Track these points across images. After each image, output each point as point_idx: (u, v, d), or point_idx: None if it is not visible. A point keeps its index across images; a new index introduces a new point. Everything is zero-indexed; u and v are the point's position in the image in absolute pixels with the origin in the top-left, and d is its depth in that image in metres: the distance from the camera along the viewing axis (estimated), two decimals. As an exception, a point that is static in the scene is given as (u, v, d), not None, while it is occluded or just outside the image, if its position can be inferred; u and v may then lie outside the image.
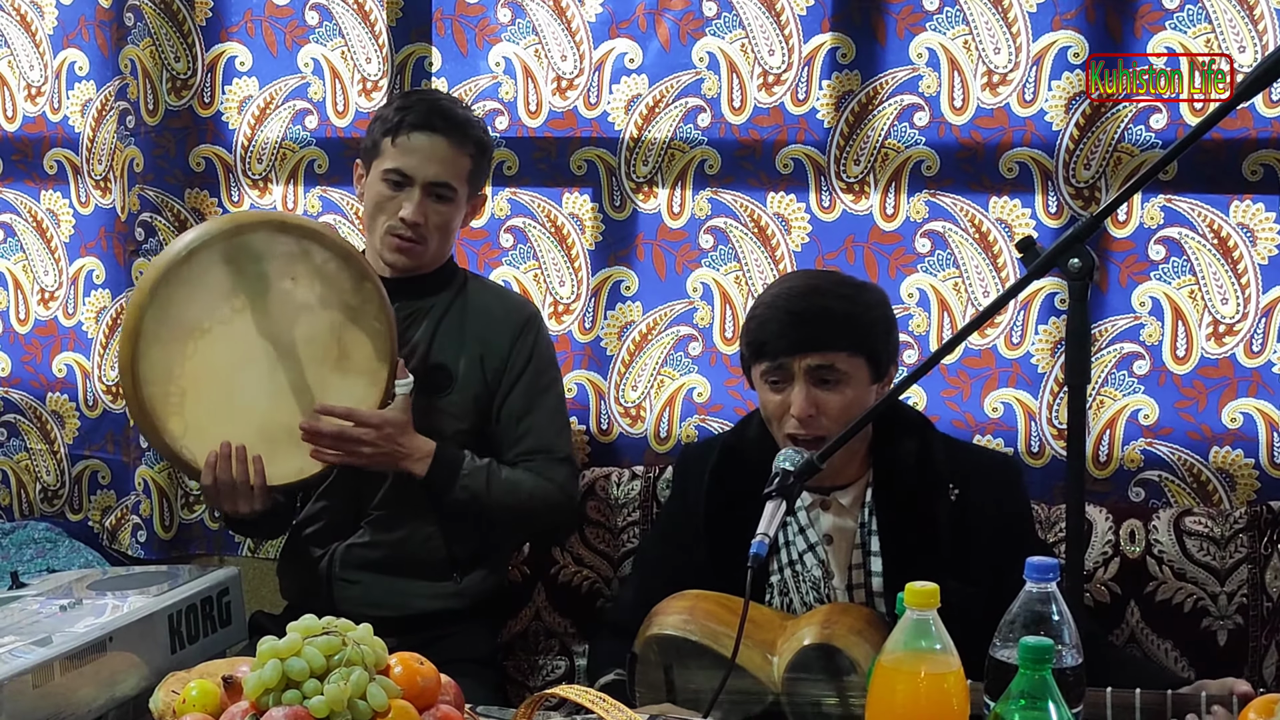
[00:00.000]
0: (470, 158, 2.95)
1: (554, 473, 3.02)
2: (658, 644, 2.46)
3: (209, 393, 2.72)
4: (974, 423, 3.22)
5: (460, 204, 2.97)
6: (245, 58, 3.64)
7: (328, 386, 2.80)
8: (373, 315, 2.80)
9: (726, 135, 3.32)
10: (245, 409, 2.76)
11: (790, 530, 2.63)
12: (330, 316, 2.79)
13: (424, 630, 2.90)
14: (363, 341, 2.81)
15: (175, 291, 2.65)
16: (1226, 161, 3.03)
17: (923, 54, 3.18)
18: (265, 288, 2.73)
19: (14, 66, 3.87)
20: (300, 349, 2.78)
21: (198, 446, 2.73)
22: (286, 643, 1.72)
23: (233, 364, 2.73)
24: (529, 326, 3.05)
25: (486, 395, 3.01)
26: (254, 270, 2.71)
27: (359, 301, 2.79)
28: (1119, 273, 3.12)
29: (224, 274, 2.69)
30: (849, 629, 2.34)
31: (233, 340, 2.72)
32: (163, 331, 2.65)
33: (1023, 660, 1.55)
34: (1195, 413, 3.10)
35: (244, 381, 2.75)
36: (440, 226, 2.95)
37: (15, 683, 1.99)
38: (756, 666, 2.36)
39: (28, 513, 3.95)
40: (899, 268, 3.25)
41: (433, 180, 2.91)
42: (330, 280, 2.77)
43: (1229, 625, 2.90)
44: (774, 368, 2.54)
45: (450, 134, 2.92)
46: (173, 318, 2.66)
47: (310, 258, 2.76)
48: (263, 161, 3.65)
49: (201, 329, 2.69)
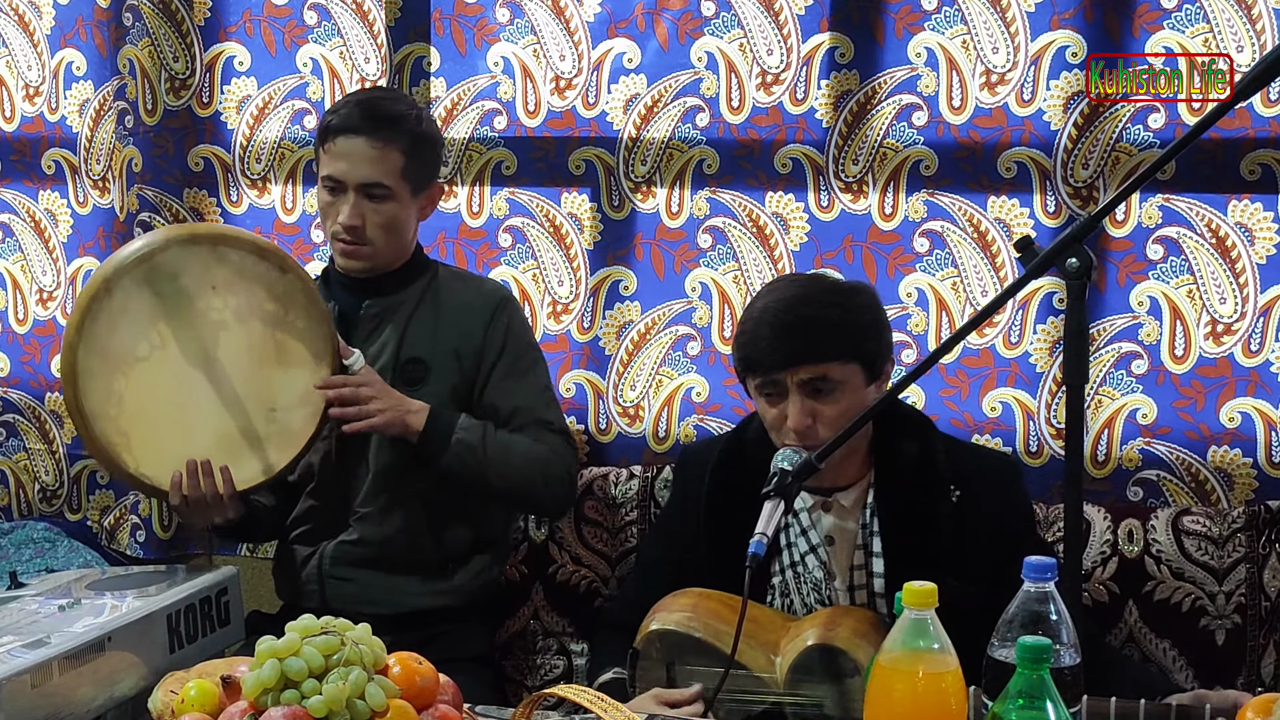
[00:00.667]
0: (403, 153, 2.91)
1: (549, 440, 3.01)
2: (660, 639, 2.46)
3: (156, 415, 2.73)
4: (972, 422, 3.22)
5: (404, 199, 2.95)
6: (244, 57, 3.64)
7: (273, 384, 2.80)
8: (302, 304, 2.79)
9: (725, 135, 3.32)
10: (197, 422, 2.76)
11: (792, 532, 2.62)
12: (260, 315, 2.78)
13: (419, 628, 2.89)
14: (297, 332, 2.80)
15: (101, 326, 2.66)
16: (1224, 161, 3.03)
17: (921, 54, 3.18)
18: (189, 302, 2.72)
19: (12, 66, 3.87)
20: (238, 358, 2.78)
21: (155, 469, 2.74)
22: (285, 642, 1.72)
23: (174, 387, 2.74)
24: (501, 310, 3.04)
25: (464, 385, 3.01)
26: (172, 288, 2.71)
27: (285, 293, 2.78)
28: (1117, 272, 3.12)
29: (146, 297, 2.70)
30: (852, 631, 2.34)
31: (168, 360, 2.73)
32: (97, 365, 2.67)
33: (1021, 660, 1.55)
34: (1193, 412, 3.11)
35: (190, 397, 2.76)
36: (385, 225, 2.93)
37: (14, 683, 1.99)
38: (760, 667, 2.36)
39: (26, 512, 3.95)
40: (897, 267, 3.25)
41: (363, 182, 2.90)
42: (253, 277, 2.76)
43: (1227, 625, 2.90)
44: (766, 382, 2.53)
45: (376, 133, 2.90)
46: (104, 350, 2.67)
47: (227, 261, 2.75)
48: (261, 161, 3.65)
49: (135, 356, 2.71)
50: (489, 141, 3.47)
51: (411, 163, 2.94)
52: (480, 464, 2.90)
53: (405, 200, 2.95)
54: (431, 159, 3.03)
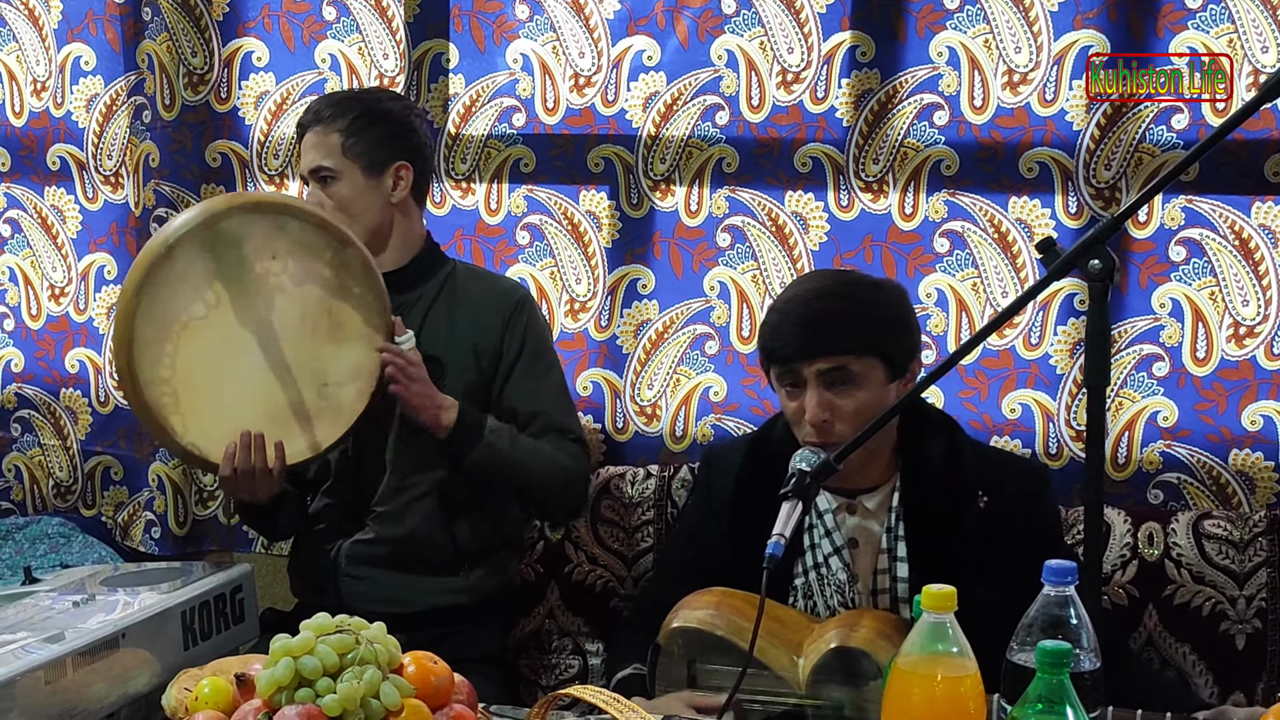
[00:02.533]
0: (340, 132, 2.93)
1: (568, 449, 3.01)
2: (682, 637, 2.44)
3: (205, 383, 2.71)
4: (992, 423, 3.21)
5: (352, 179, 2.94)
6: (262, 53, 3.64)
7: (324, 358, 2.78)
8: (359, 279, 2.77)
9: (745, 133, 3.31)
10: (247, 393, 2.74)
11: (816, 533, 2.61)
12: (316, 288, 2.77)
13: (433, 627, 2.89)
14: (352, 307, 2.79)
15: (160, 290, 2.63)
16: (1248, 162, 3.01)
17: (943, 53, 3.16)
18: (247, 271, 2.70)
19: (22, 61, 3.86)
20: (292, 325, 2.75)
21: (203, 439, 2.72)
22: (299, 641, 1.71)
23: (226, 351, 2.71)
24: (519, 310, 3.03)
25: (481, 384, 3.00)
26: (234, 255, 2.69)
27: (343, 267, 2.76)
28: (1139, 274, 3.10)
29: (206, 264, 2.67)
30: (876, 633, 2.32)
31: (222, 328, 2.70)
32: (152, 332, 2.64)
33: (1040, 664, 1.54)
34: (1215, 415, 3.09)
35: (241, 367, 2.73)
36: (338, 207, 2.92)
37: (28, 679, 1.98)
38: (783, 668, 2.35)
39: (41, 508, 3.95)
40: (917, 268, 3.23)
41: (309, 170, 2.95)
42: (311, 250, 2.74)
43: (1247, 629, 2.88)
44: (785, 372, 2.52)
45: (317, 123, 2.95)
46: (161, 316, 2.64)
47: (287, 232, 2.73)
48: (279, 157, 3.65)
49: (191, 317, 2.68)
50: (507, 139, 3.46)
51: (353, 140, 2.93)
52: (507, 465, 2.91)
53: (355, 179, 2.94)
54: (384, 136, 2.98)
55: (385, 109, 3.03)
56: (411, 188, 3.01)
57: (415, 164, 3.01)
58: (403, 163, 2.99)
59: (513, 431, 2.94)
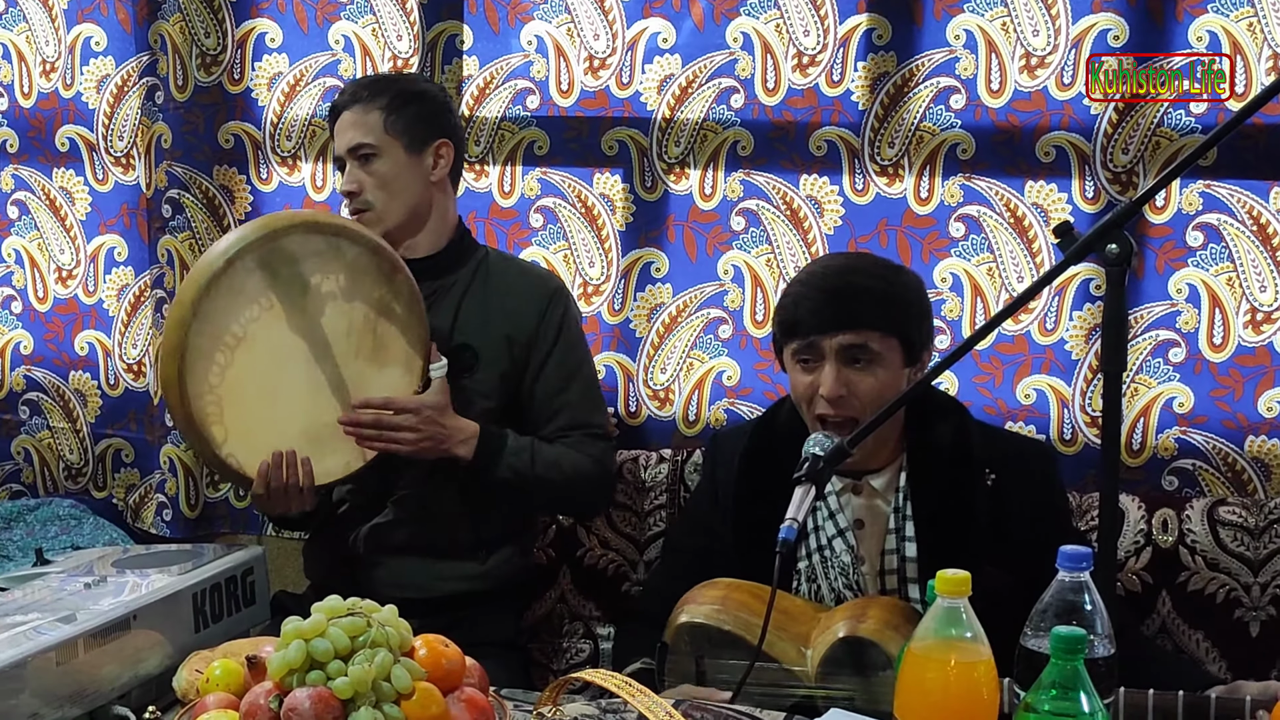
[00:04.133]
0: (381, 110, 2.93)
1: (591, 448, 3.00)
2: (689, 633, 2.44)
3: (249, 396, 2.71)
4: (1006, 409, 3.20)
5: (394, 156, 2.94)
6: (276, 34, 3.63)
7: (365, 380, 2.80)
8: (405, 305, 2.79)
9: (760, 116, 3.30)
10: (287, 410, 2.75)
11: (819, 515, 2.60)
12: (363, 310, 2.78)
13: (449, 612, 2.89)
14: (396, 332, 2.80)
15: (216, 303, 2.63)
16: (1267, 147, 3.00)
17: (960, 36, 3.15)
18: (301, 288, 2.72)
19: (31, 42, 3.86)
20: (336, 345, 2.77)
21: (243, 452, 2.72)
22: (311, 623, 1.71)
23: (271, 366, 2.72)
24: (556, 300, 3.02)
25: (514, 373, 2.99)
26: (289, 272, 2.70)
27: (390, 293, 2.78)
28: (1156, 259, 3.09)
29: (261, 279, 2.68)
30: (884, 623, 2.32)
31: (270, 343, 2.71)
32: (205, 344, 2.64)
33: (1054, 650, 1.54)
34: (1231, 401, 3.07)
35: (284, 382, 2.74)
36: (380, 185, 2.93)
37: (39, 660, 1.98)
38: (791, 659, 2.34)
39: (52, 490, 3.96)
40: (932, 252, 3.22)
41: (349, 147, 2.94)
42: (362, 274, 2.76)
43: (1262, 616, 2.87)
44: (805, 346, 2.51)
45: (354, 103, 2.96)
46: (214, 328, 2.65)
47: (342, 254, 2.75)
48: (292, 139, 3.64)
49: (239, 336, 2.68)
50: (521, 121, 3.45)
51: (394, 117, 2.94)
52: (527, 483, 2.91)
53: (397, 156, 2.94)
54: (422, 115, 2.99)
55: (423, 88, 3.06)
56: (450, 168, 3.03)
57: (455, 142, 3.03)
58: (444, 140, 3.01)
59: (534, 447, 2.93)
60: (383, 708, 1.68)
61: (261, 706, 1.69)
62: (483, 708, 1.79)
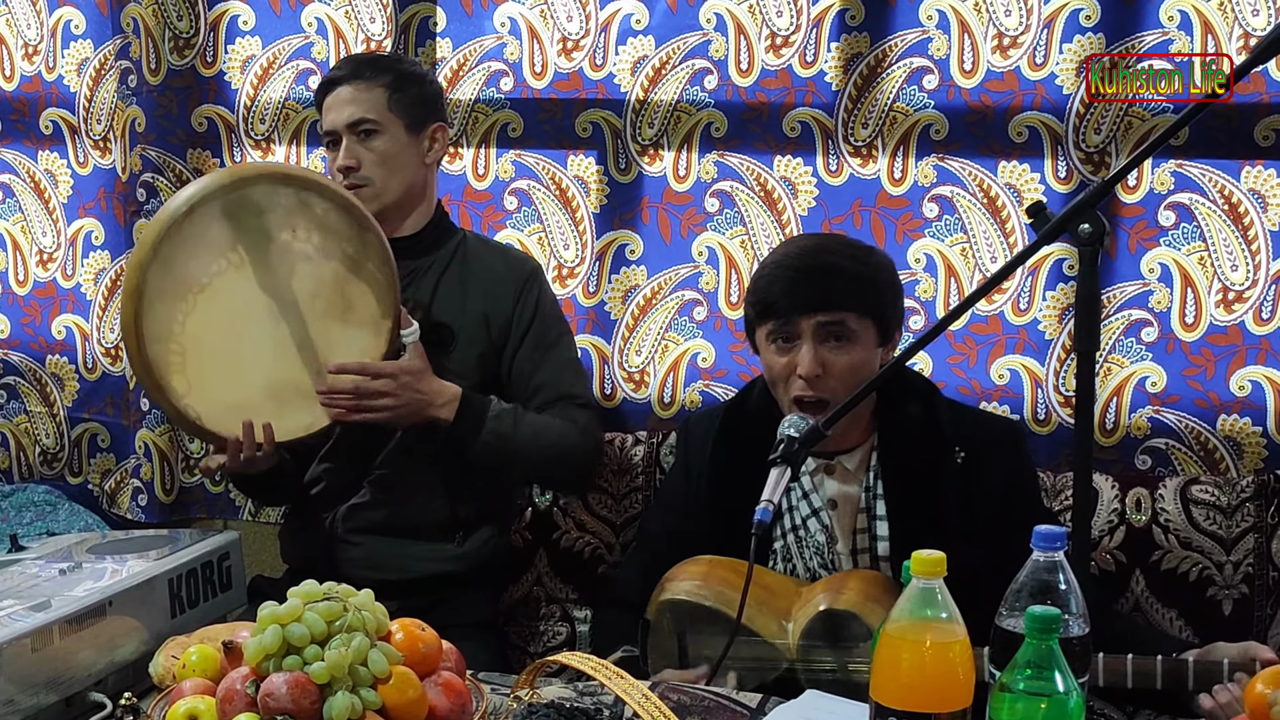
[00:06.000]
0: (385, 87, 2.96)
1: (575, 415, 3.00)
2: (670, 610, 2.45)
3: (212, 349, 2.69)
4: (980, 389, 3.21)
5: (395, 134, 2.96)
6: (248, 17, 3.61)
7: (332, 339, 2.77)
8: (374, 265, 2.77)
9: (733, 98, 3.29)
10: (250, 365, 2.73)
11: (794, 496, 2.61)
12: (332, 268, 2.76)
13: (425, 594, 2.89)
14: (365, 292, 2.78)
15: (177, 248, 2.61)
16: (1238, 127, 3.01)
17: (933, 16, 3.15)
18: (266, 241, 2.70)
19: (12, 25, 3.84)
20: (303, 302, 2.75)
21: (202, 403, 2.70)
22: (287, 608, 1.71)
23: (235, 319, 2.70)
24: (531, 281, 3.04)
25: (492, 353, 3.00)
26: (255, 224, 2.68)
27: (360, 252, 2.76)
28: (1128, 239, 3.10)
29: (225, 228, 2.66)
30: (865, 595, 2.34)
31: (234, 295, 2.69)
32: (166, 288, 2.62)
33: (1029, 630, 1.54)
34: (1203, 380, 3.09)
35: (247, 337, 2.72)
36: (379, 161, 2.95)
37: (14, 646, 1.97)
38: (772, 634, 2.35)
39: (27, 475, 3.95)
40: (906, 232, 3.22)
41: (349, 122, 2.94)
42: (331, 231, 2.74)
43: (1234, 595, 2.89)
44: (780, 326, 2.51)
45: (356, 78, 2.97)
46: (175, 274, 2.63)
47: (311, 209, 2.73)
48: (265, 122, 3.63)
49: (202, 284, 2.66)
50: (495, 103, 3.45)
51: (397, 96, 2.96)
52: (512, 451, 2.90)
53: (398, 135, 2.96)
54: (423, 97, 3.03)
55: (422, 71, 3.11)
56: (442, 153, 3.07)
57: (448, 128, 3.06)
58: (440, 124, 3.04)
59: (518, 412, 2.93)
60: (360, 692, 1.68)
61: (238, 692, 1.69)
62: (459, 691, 1.80)
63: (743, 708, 2.11)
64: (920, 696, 1.60)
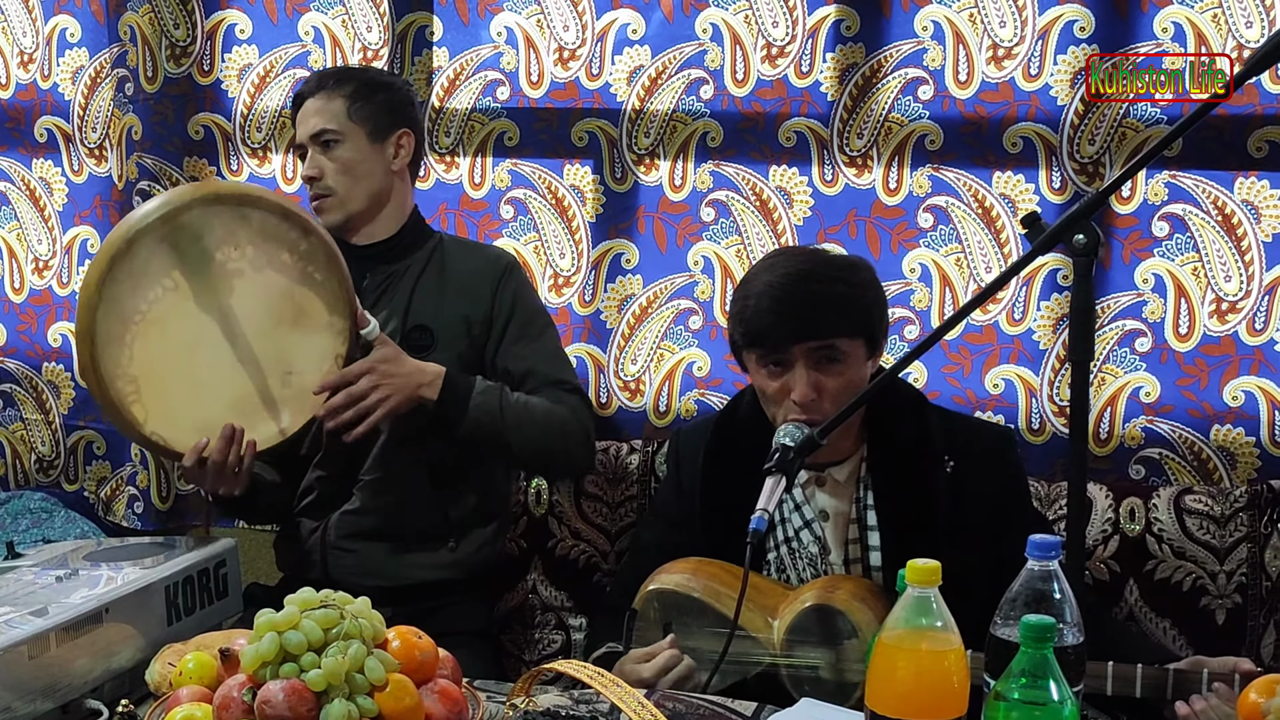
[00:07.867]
0: (345, 98, 2.99)
1: (564, 398, 2.99)
2: (658, 599, 2.46)
3: (165, 375, 2.67)
4: (975, 399, 3.21)
5: (357, 143, 2.98)
6: (245, 25, 3.62)
7: (289, 346, 2.76)
8: (321, 267, 2.75)
9: (729, 108, 3.30)
10: (210, 384, 2.71)
11: (785, 508, 2.61)
12: (278, 276, 2.74)
13: (420, 601, 2.90)
14: (315, 295, 2.76)
15: (121, 285, 2.60)
16: (1231, 138, 3.02)
17: (928, 27, 3.16)
18: (207, 262, 2.68)
19: (7, 33, 3.84)
20: (254, 312, 2.73)
21: (167, 427, 2.68)
22: (284, 616, 1.71)
23: (188, 340, 2.68)
24: (507, 275, 3.04)
25: (473, 351, 3.00)
26: (195, 249, 2.66)
27: (306, 256, 2.74)
28: (1122, 249, 3.10)
29: (166, 257, 2.64)
30: (851, 594, 2.35)
31: (183, 316, 2.67)
32: (115, 327, 2.61)
33: (1024, 638, 1.55)
34: (1197, 390, 3.09)
35: (200, 357, 2.70)
36: (342, 170, 2.97)
37: (11, 654, 1.98)
38: (757, 629, 2.37)
39: (23, 483, 3.94)
40: (901, 243, 3.23)
41: (312, 134, 2.98)
42: (273, 239, 2.72)
43: (1228, 604, 2.90)
44: (770, 353, 2.50)
45: (318, 91, 3.01)
46: (121, 310, 2.61)
47: (249, 222, 2.69)
48: (262, 130, 3.64)
49: (142, 313, 2.64)
50: (491, 112, 3.46)
51: (358, 105, 2.99)
52: (499, 426, 2.88)
53: (360, 144, 2.99)
54: (389, 104, 3.04)
55: (387, 80, 3.11)
56: (410, 158, 3.06)
57: (415, 134, 3.07)
58: (405, 130, 3.05)
59: (504, 389, 2.92)
60: (356, 700, 1.68)
61: (235, 699, 1.70)
62: (455, 699, 1.81)
63: (738, 716, 2.11)
64: (915, 705, 1.61)
